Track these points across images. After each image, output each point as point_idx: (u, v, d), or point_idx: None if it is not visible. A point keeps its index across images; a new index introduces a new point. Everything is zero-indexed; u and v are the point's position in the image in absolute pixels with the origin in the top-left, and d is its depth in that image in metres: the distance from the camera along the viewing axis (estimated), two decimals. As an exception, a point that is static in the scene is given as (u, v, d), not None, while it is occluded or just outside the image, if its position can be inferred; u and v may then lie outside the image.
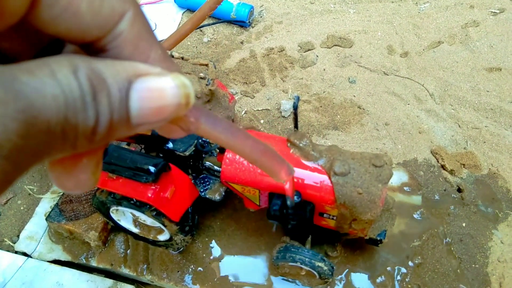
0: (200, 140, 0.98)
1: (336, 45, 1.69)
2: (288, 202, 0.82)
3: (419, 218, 1.19)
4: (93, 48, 0.26)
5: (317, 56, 1.65)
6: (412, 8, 1.83)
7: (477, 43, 1.68)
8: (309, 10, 1.84)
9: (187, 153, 0.98)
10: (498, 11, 1.78)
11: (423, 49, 1.68)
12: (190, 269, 1.11)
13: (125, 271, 1.11)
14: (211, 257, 1.13)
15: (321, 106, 1.50)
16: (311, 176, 0.89)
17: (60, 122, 0.21)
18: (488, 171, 1.33)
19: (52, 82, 0.21)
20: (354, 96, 1.53)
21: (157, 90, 0.25)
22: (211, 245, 1.14)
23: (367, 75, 1.60)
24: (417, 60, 1.64)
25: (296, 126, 0.95)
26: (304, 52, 1.67)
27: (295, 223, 0.92)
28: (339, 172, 0.87)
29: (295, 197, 0.86)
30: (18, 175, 0.21)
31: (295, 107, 0.88)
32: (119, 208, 0.99)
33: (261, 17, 1.81)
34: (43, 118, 0.21)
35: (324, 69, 1.61)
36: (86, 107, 0.22)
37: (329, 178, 0.88)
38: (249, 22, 1.74)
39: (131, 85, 0.24)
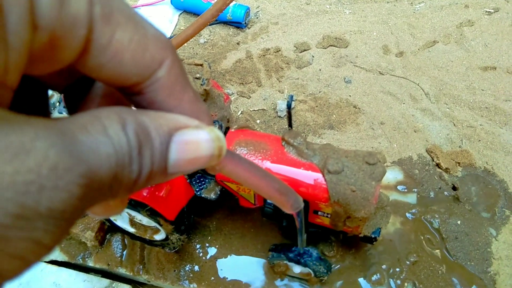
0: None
1: (331, 46, 1.70)
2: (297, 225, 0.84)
3: (414, 216, 1.20)
4: (130, 90, 0.28)
5: (312, 56, 1.66)
6: (407, 8, 1.84)
7: (472, 43, 1.69)
8: (304, 11, 1.85)
9: (182, 153, 0.99)
10: (492, 11, 1.79)
11: (418, 49, 1.69)
12: (187, 269, 1.12)
13: (121, 271, 1.12)
14: (208, 256, 1.13)
15: (317, 106, 1.50)
16: (305, 174, 0.90)
17: (110, 180, 0.23)
18: (483, 169, 1.34)
19: (105, 140, 0.22)
20: (350, 95, 1.54)
21: (194, 143, 0.27)
22: (207, 244, 1.15)
23: (363, 75, 1.61)
24: (412, 59, 1.65)
25: (290, 125, 0.95)
26: (300, 52, 1.68)
27: (290, 221, 0.93)
28: (332, 170, 0.88)
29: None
30: (69, 230, 0.23)
31: (289, 106, 0.88)
32: (115, 207, 1.00)
33: (257, 18, 1.82)
34: (97, 178, 0.22)
35: (320, 69, 1.62)
36: (132, 161, 0.23)
37: (323, 176, 0.89)
38: (245, 23, 1.75)
39: (171, 138, 0.26)
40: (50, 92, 1.03)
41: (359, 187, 0.87)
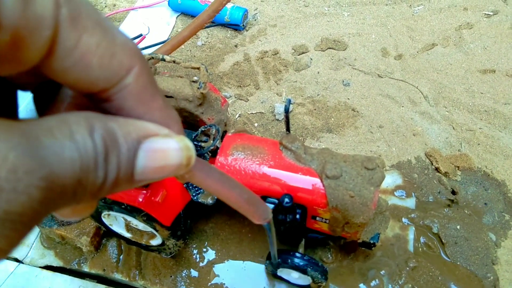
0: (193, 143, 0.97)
1: (330, 48, 1.69)
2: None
3: (413, 221, 1.19)
4: (97, 96, 0.28)
5: (311, 59, 1.65)
6: (406, 11, 1.83)
7: (471, 45, 1.68)
8: (303, 13, 1.84)
9: (178, 157, 0.98)
10: (491, 13, 1.78)
11: (417, 52, 1.68)
12: (183, 274, 1.10)
13: (117, 276, 1.10)
14: (205, 262, 1.12)
15: (315, 109, 1.49)
16: (303, 180, 0.89)
17: (73, 184, 0.22)
18: (482, 173, 1.33)
19: (71, 145, 0.22)
20: (348, 98, 1.53)
21: (162, 151, 0.27)
22: (204, 249, 1.13)
23: (361, 77, 1.60)
24: (411, 62, 1.64)
25: (288, 129, 0.94)
26: (298, 55, 1.67)
27: (288, 225, 0.91)
28: (331, 175, 0.87)
29: (287, 200, 0.86)
30: (27, 235, 0.22)
31: (287, 110, 0.87)
32: (111, 213, 0.98)
33: (255, 20, 1.81)
34: (59, 182, 0.22)
35: (318, 72, 1.61)
36: (97, 167, 0.23)
37: (321, 181, 0.88)
38: (243, 25, 1.74)
39: (140, 145, 0.26)
40: None
41: (357, 192, 0.86)
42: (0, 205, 0.19)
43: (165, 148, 0.27)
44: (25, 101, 1.06)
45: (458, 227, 1.20)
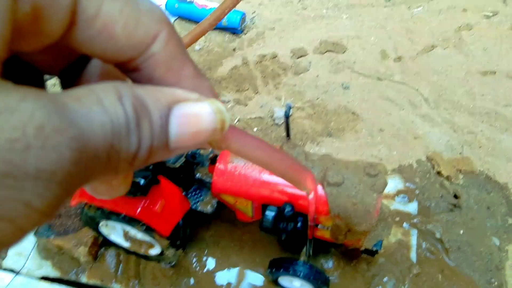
0: (190, 151, 0.95)
1: (329, 51, 1.67)
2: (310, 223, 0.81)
3: (415, 226, 1.17)
4: (126, 67, 0.27)
5: (310, 62, 1.64)
6: (405, 13, 1.82)
7: (471, 47, 1.67)
8: (301, 16, 1.82)
9: (177, 165, 0.96)
10: (491, 14, 1.77)
11: (417, 54, 1.67)
12: (183, 283, 1.08)
13: (116, 286, 1.08)
14: (205, 270, 1.10)
15: (314, 113, 1.48)
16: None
17: (107, 149, 0.22)
18: (484, 176, 1.31)
19: (100, 110, 0.22)
20: (348, 102, 1.52)
21: (195, 116, 0.26)
22: (204, 258, 1.12)
23: (361, 80, 1.59)
24: (411, 64, 1.63)
25: (288, 135, 0.93)
26: (297, 58, 1.65)
27: (291, 234, 0.90)
28: (332, 182, 0.85)
29: (288, 209, 0.84)
30: (66, 198, 0.22)
31: (287, 116, 0.86)
32: (109, 222, 0.97)
33: (253, 23, 1.79)
34: (92, 146, 0.21)
35: (318, 75, 1.59)
36: (130, 133, 0.23)
37: (323, 188, 0.86)
38: (241, 29, 1.73)
39: (171, 111, 0.25)
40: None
41: (360, 199, 0.85)
42: (31, 162, 0.19)
43: (197, 112, 0.26)
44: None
45: (461, 231, 1.18)
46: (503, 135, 1.41)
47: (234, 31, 1.73)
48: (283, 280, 1.02)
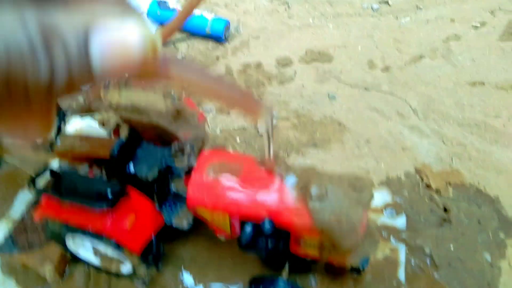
0: (163, 163, 0.89)
1: (315, 60, 1.63)
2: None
3: (404, 241, 1.12)
4: None
5: (295, 71, 1.59)
6: (393, 22, 1.79)
7: (459, 57, 1.64)
8: (287, 25, 1.79)
9: (149, 178, 0.90)
10: (479, 25, 1.75)
11: (405, 64, 1.63)
12: (157, 304, 1.01)
13: (85, 307, 1.01)
14: (181, 289, 1.03)
15: (299, 123, 1.43)
16: (285, 202, 0.81)
17: (2, 69, 0.20)
18: (475, 189, 1.27)
19: None
20: (334, 112, 1.47)
21: (119, 44, 0.23)
22: (180, 275, 1.05)
23: (348, 90, 1.54)
24: (399, 75, 1.59)
25: (269, 152, 0.88)
26: (282, 67, 1.61)
27: (270, 252, 0.84)
28: (315, 196, 0.80)
29: (267, 226, 0.78)
30: None
31: (270, 130, 0.81)
32: (76, 236, 0.90)
33: (237, 32, 1.75)
34: None
35: (303, 85, 1.55)
36: (36, 58, 0.20)
37: (305, 202, 0.80)
38: (225, 37, 1.68)
39: (89, 35, 0.22)
40: None
41: (345, 214, 0.79)
42: None
43: (122, 39, 0.23)
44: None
45: (452, 247, 1.13)
46: (493, 147, 1.37)
47: (218, 39, 1.68)
48: (264, 299, 0.95)
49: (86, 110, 1.42)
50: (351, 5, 1.86)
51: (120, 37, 0.23)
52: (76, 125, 1.26)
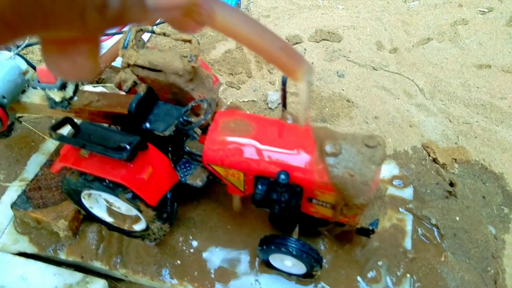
0: (181, 119, 0.90)
1: (324, 40, 1.65)
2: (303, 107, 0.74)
3: (411, 211, 1.14)
4: None
5: (305, 49, 1.61)
6: (401, 6, 1.81)
7: (466, 41, 1.66)
8: (297, 5, 1.80)
9: (166, 133, 0.91)
10: (486, 10, 1.76)
11: (412, 46, 1.65)
12: (168, 263, 1.03)
13: (96, 264, 1.02)
14: (191, 250, 1.05)
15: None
16: (299, 157, 0.83)
17: None
18: (480, 166, 1.29)
19: None
20: (343, 90, 1.49)
21: None
22: (190, 237, 1.06)
23: (356, 69, 1.56)
24: (407, 56, 1.61)
25: (284, 104, 0.89)
26: (292, 45, 1.62)
27: (283, 206, 0.85)
28: (330, 153, 0.81)
29: (282, 176, 0.79)
30: (23, 20, 0.19)
31: (284, 83, 0.82)
32: (91, 192, 0.91)
33: (248, 10, 1.76)
34: None
35: (312, 63, 1.56)
36: None
37: (321, 159, 0.82)
38: (235, 14, 1.69)
39: None
40: (24, 67, 0.91)
41: (358, 171, 0.81)
42: None
43: None
44: None
45: (457, 218, 1.15)
46: (498, 127, 1.39)
47: (229, 16, 1.69)
48: (274, 259, 0.97)
49: (97, 79, 1.43)
50: (360, -12, 1.88)
51: None
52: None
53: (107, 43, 1.41)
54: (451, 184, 1.23)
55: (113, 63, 1.43)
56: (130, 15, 0.23)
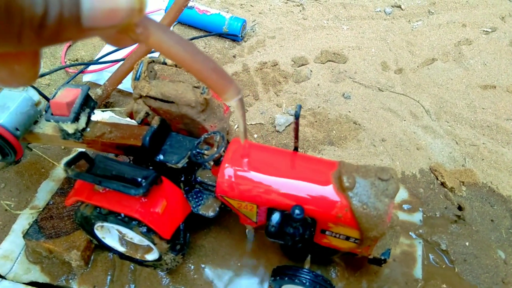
0: (194, 151, 0.91)
1: (330, 61, 1.66)
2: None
3: (420, 237, 1.14)
4: None
5: (311, 71, 1.62)
6: (405, 26, 1.83)
7: (470, 61, 1.67)
8: (302, 26, 1.82)
9: (179, 165, 0.92)
10: (490, 30, 1.78)
11: (417, 66, 1.66)
12: (180, 292, 1.03)
13: (108, 294, 1.02)
14: (203, 279, 1.05)
15: (316, 121, 1.45)
16: (314, 190, 0.83)
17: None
18: (487, 189, 1.30)
19: None
20: (349, 111, 1.50)
21: None
22: (202, 265, 1.07)
23: (362, 90, 1.57)
24: (412, 76, 1.62)
25: (296, 136, 0.90)
26: (298, 67, 1.63)
27: (296, 240, 0.85)
28: (345, 187, 0.82)
29: (297, 212, 0.80)
30: None
31: (297, 116, 0.83)
32: (105, 224, 0.91)
33: (253, 31, 1.78)
34: None
35: (318, 84, 1.57)
36: None
37: (342, 192, 0.82)
38: (241, 36, 1.71)
39: None
40: (36, 98, 0.92)
41: (371, 204, 0.81)
42: None
43: None
44: None
45: (467, 243, 1.15)
46: (505, 148, 1.39)
47: (235, 38, 1.71)
48: (287, 289, 0.97)
49: (105, 103, 1.44)
50: (364, 9, 1.89)
51: None
52: (97, 117, 1.28)
53: (112, 68, 1.43)
54: (460, 208, 1.24)
55: (120, 86, 1.44)
56: (66, 34, 0.23)
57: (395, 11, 1.89)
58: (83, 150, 0.99)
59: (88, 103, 0.96)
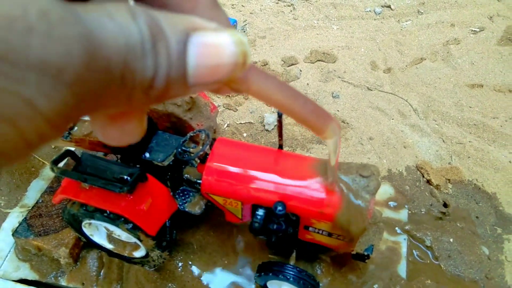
0: (179, 149, 0.93)
1: (319, 60, 1.68)
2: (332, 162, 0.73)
3: (406, 233, 1.16)
4: None
5: (300, 70, 1.64)
6: (395, 26, 1.84)
7: (458, 60, 1.69)
8: (292, 26, 1.83)
9: (165, 163, 0.93)
10: (478, 30, 1.80)
11: (406, 65, 1.68)
12: (167, 288, 1.04)
13: (97, 290, 1.04)
14: (190, 276, 1.06)
15: (305, 120, 1.47)
16: (297, 186, 0.85)
17: (120, 65, 0.20)
18: (473, 186, 1.31)
19: (112, 24, 0.20)
20: (338, 110, 1.51)
21: (214, 46, 0.24)
22: (190, 262, 1.08)
23: (351, 90, 1.59)
24: (400, 76, 1.64)
25: (280, 135, 0.91)
26: (288, 66, 1.65)
27: (280, 235, 0.87)
28: (327, 183, 0.83)
29: (279, 208, 0.82)
30: (76, 113, 0.19)
31: (280, 115, 0.84)
32: (92, 221, 0.93)
33: (244, 31, 1.79)
34: (104, 54, 0.19)
35: (308, 84, 1.59)
36: (145, 54, 0.21)
37: (319, 189, 0.84)
38: (232, 36, 1.72)
39: (189, 38, 0.23)
40: None
41: (353, 201, 0.83)
42: (34, 49, 0.16)
43: (217, 42, 0.24)
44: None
45: (451, 240, 1.17)
46: (491, 146, 1.41)
47: (225, 38, 1.72)
48: (272, 285, 0.99)
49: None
50: (354, 9, 1.91)
51: (216, 40, 0.24)
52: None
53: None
54: (445, 205, 1.26)
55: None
56: (172, 92, 0.23)
57: (385, 11, 1.91)
58: (71, 148, 1.00)
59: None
